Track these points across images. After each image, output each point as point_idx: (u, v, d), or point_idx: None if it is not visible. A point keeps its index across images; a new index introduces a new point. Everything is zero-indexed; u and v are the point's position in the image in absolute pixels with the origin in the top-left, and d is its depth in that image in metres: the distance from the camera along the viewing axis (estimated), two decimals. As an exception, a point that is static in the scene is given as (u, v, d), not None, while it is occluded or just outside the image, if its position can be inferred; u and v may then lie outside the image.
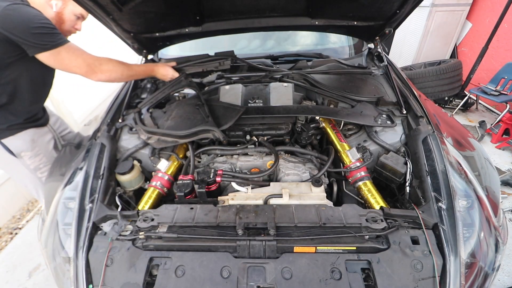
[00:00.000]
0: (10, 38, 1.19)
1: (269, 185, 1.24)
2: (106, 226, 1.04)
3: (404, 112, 1.40)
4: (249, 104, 1.52)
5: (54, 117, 1.72)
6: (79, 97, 3.38)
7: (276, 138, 1.49)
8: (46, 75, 1.52)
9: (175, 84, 1.66)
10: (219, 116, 1.39)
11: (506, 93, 3.34)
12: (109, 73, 1.37)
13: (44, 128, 1.59)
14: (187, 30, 1.65)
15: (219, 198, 1.20)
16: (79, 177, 1.20)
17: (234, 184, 1.23)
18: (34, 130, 1.52)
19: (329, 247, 0.94)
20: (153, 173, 1.37)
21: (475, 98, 3.88)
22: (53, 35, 1.24)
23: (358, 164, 1.28)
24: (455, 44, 4.37)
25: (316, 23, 1.63)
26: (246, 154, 1.45)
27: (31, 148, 1.52)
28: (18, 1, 1.23)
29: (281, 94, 1.57)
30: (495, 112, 3.86)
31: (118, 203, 1.19)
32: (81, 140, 1.66)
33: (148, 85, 1.79)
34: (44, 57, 1.26)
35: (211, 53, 2.05)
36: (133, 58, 1.86)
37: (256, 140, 1.45)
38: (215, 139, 1.35)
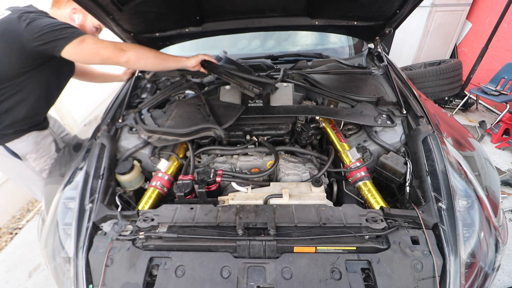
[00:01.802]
0: (32, 46, 1.22)
1: (269, 185, 1.24)
2: (106, 226, 1.04)
3: (404, 112, 1.40)
4: (249, 104, 1.52)
5: (53, 120, 1.73)
6: (79, 97, 3.38)
7: (276, 138, 1.49)
8: (58, 83, 1.53)
9: (176, 87, 1.66)
10: (220, 115, 1.39)
11: (506, 93, 3.34)
12: (136, 52, 1.30)
13: (46, 131, 1.59)
14: (187, 30, 1.65)
15: (219, 198, 1.20)
16: (79, 177, 1.20)
17: (234, 184, 1.23)
18: (37, 132, 1.53)
19: (329, 247, 0.94)
20: (153, 173, 1.37)
21: (475, 98, 3.88)
22: (74, 28, 1.27)
23: (358, 164, 1.28)
24: (455, 44, 4.37)
25: (316, 23, 1.63)
26: (246, 154, 1.45)
27: (35, 150, 1.52)
28: (34, 9, 1.29)
29: (281, 94, 1.57)
30: (495, 112, 3.86)
31: (118, 203, 1.19)
32: (79, 142, 1.67)
33: (148, 85, 1.79)
34: (71, 48, 1.23)
35: (211, 53, 2.05)
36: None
37: (256, 140, 1.45)
38: (216, 137, 1.34)
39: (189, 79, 1.72)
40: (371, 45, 1.95)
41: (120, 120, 1.50)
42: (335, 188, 1.35)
